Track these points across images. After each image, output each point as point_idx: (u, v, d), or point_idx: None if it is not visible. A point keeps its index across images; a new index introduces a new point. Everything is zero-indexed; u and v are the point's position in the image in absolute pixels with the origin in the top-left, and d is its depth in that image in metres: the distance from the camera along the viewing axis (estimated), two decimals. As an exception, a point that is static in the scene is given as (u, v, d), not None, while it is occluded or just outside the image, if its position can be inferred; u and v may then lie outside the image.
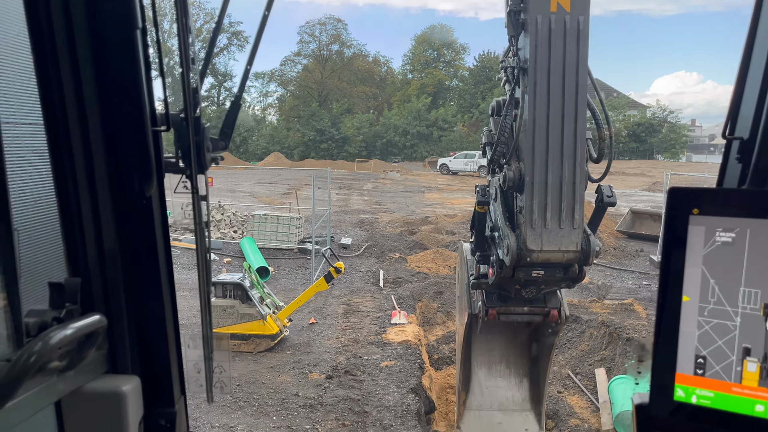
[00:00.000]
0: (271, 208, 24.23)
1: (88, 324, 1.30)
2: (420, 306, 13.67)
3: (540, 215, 4.64)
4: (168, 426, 1.68)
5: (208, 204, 1.63)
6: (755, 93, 1.43)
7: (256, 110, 77.50)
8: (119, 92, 1.44)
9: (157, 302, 1.63)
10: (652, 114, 67.32)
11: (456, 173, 49.71)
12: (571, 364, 10.68)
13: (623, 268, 17.28)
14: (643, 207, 23.21)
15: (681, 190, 1.17)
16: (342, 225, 22.95)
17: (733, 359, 1.13)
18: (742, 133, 1.47)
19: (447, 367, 11.00)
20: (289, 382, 9.52)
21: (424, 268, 16.63)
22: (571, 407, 9.25)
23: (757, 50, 1.45)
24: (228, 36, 70.67)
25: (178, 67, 1.44)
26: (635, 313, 12.33)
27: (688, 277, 1.16)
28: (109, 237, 1.54)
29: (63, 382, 1.37)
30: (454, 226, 22.01)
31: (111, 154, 1.48)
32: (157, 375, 1.68)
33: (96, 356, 1.52)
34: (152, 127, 1.47)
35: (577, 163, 4.58)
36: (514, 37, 4.85)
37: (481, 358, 6.97)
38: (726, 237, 1.12)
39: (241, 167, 47.04)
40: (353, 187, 39.01)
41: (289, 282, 15.85)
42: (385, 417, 8.39)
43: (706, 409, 1.16)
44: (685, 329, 1.16)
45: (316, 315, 12.95)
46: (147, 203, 1.54)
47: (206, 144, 1.55)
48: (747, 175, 1.46)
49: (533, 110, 4.52)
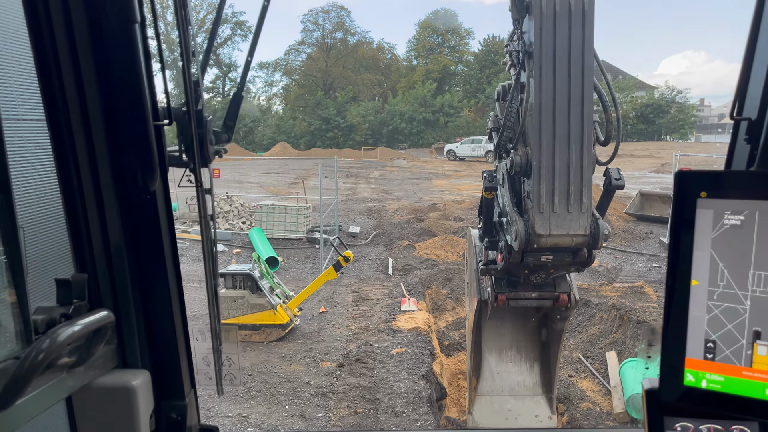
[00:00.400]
0: (278, 198, 24.28)
1: (96, 320, 1.31)
2: (429, 293, 13.69)
3: (548, 200, 4.61)
4: (179, 419, 1.69)
5: (213, 197, 1.63)
6: (763, 72, 1.40)
7: (262, 100, 77.55)
8: (120, 87, 1.43)
9: (164, 296, 1.64)
10: (660, 95, 66.65)
11: (463, 159, 49.55)
12: (581, 347, 10.67)
13: (633, 250, 17.20)
14: (651, 189, 23.03)
15: (688, 174, 1.15)
16: (350, 214, 22.97)
17: (744, 343, 1.12)
18: (750, 113, 1.44)
19: (458, 353, 11.03)
20: (300, 371, 9.58)
21: (432, 255, 16.63)
22: (582, 391, 9.26)
23: (764, 30, 1.42)
24: (231, 26, 70.56)
25: (180, 60, 1.43)
26: (645, 296, 12.29)
27: (697, 260, 1.14)
28: (114, 232, 1.54)
29: (73, 378, 1.38)
30: (462, 212, 21.97)
31: (114, 150, 1.48)
32: (166, 369, 1.69)
33: (105, 351, 1.53)
34: (154, 122, 1.46)
35: (585, 146, 4.53)
36: (518, 21, 4.79)
37: (492, 343, 6.97)
38: (734, 220, 1.11)
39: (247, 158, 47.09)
40: (360, 176, 38.97)
41: (299, 271, 15.91)
42: (397, 404, 8.43)
43: (716, 393, 1.15)
44: (694, 313, 1.15)
45: (326, 304, 13.00)
46: (151, 198, 1.54)
47: (209, 137, 1.55)
48: (756, 155, 1.43)
49: (539, 94, 4.48)
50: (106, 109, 1.44)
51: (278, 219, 18.89)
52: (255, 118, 69.75)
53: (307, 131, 67.17)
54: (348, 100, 68.84)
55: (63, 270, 1.54)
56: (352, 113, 66.69)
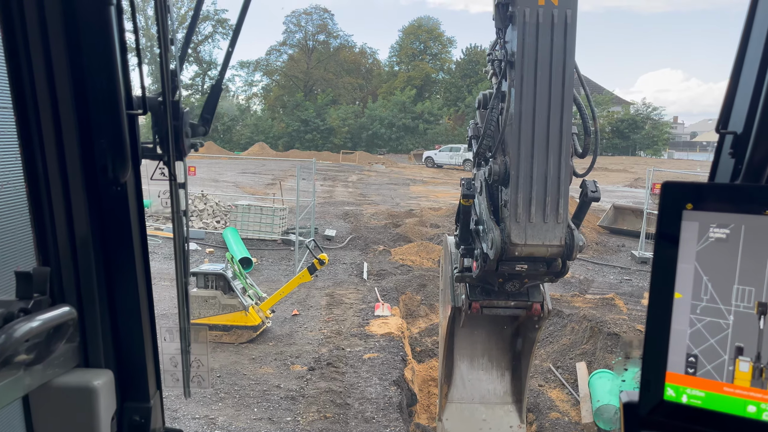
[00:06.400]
0: (254, 199, 24.06)
1: (58, 316, 1.24)
2: (403, 298, 13.67)
3: (525, 209, 4.62)
4: (143, 422, 1.63)
5: (187, 192, 1.57)
6: (750, 87, 1.40)
7: (241, 100, 76.88)
8: (92, 71, 1.37)
9: (132, 294, 1.57)
10: (635, 111, 67.89)
11: (441, 166, 49.78)
12: (552, 357, 10.75)
13: (605, 263, 17.42)
14: (625, 203, 23.42)
15: (674, 185, 1.14)
16: (326, 216, 22.86)
17: (726, 358, 1.10)
18: (736, 127, 1.44)
19: (429, 360, 11.02)
20: (270, 374, 9.47)
21: (408, 261, 16.63)
22: (551, 400, 9.32)
23: (753, 44, 1.42)
24: (213, 24, 69.95)
25: (157, 48, 1.37)
26: (616, 308, 12.45)
27: (681, 273, 1.13)
28: (81, 225, 1.47)
29: (31, 377, 1.32)
30: (439, 219, 22.03)
31: (83, 138, 1.42)
32: (131, 369, 1.62)
33: (66, 349, 1.46)
34: (127, 110, 1.40)
35: (563, 157, 4.56)
36: (501, 30, 4.82)
37: (464, 351, 6.97)
38: (720, 233, 1.09)
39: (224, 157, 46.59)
40: (338, 179, 38.87)
41: (272, 273, 15.76)
42: (367, 409, 8.38)
43: (696, 408, 1.14)
44: (676, 327, 1.13)
45: (299, 306, 12.89)
46: (122, 190, 1.48)
47: (185, 129, 1.50)
48: (740, 170, 1.43)
49: (519, 103, 4.50)
50: (77, 95, 1.38)
51: (254, 219, 18.69)
52: (233, 117, 69.15)
53: (286, 132, 66.79)
54: (328, 103, 68.62)
55: (24, 262, 1.46)
56: (331, 116, 66.52)
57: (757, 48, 1.40)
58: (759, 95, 1.39)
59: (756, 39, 1.40)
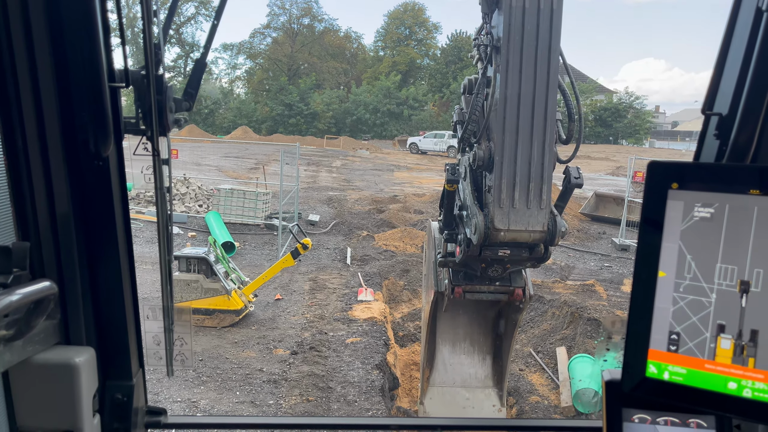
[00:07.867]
0: (237, 183, 23.88)
1: (37, 290, 1.22)
2: (386, 284, 13.70)
3: (508, 194, 4.64)
4: (125, 400, 1.61)
5: (171, 168, 1.54)
6: (736, 69, 1.41)
7: (224, 83, 75.94)
8: (74, 42, 1.33)
9: (114, 270, 1.55)
10: (618, 99, 68.31)
11: (425, 153, 49.76)
12: (533, 342, 10.88)
13: (586, 249, 17.61)
14: (607, 191, 23.63)
15: (661, 164, 1.14)
16: (310, 201, 22.78)
17: (707, 336, 1.12)
18: (722, 108, 1.45)
19: (412, 344, 11.09)
20: (253, 358, 9.46)
21: (391, 247, 16.66)
22: (531, 384, 9.44)
23: (739, 27, 1.43)
24: (196, 5, 68.80)
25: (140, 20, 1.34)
26: (596, 294, 12.60)
27: (665, 252, 1.13)
28: (61, 199, 1.44)
29: (10, 352, 1.29)
30: (422, 205, 22.06)
31: (64, 110, 1.38)
32: (113, 347, 1.60)
33: (46, 326, 1.43)
34: (109, 83, 1.37)
35: (547, 143, 4.57)
36: (487, 15, 4.80)
37: (446, 335, 7.02)
38: (705, 212, 1.10)
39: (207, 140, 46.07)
40: (322, 164, 38.70)
41: (255, 258, 15.70)
42: (350, 393, 8.42)
43: (678, 385, 1.15)
44: (660, 305, 1.15)
45: (282, 291, 12.87)
46: (104, 164, 1.45)
47: (169, 104, 1.46)
48: (725, 151, 1.44)
49: (504, 89, 4.49)
50: (57, 66, 1.34)
51: (236, 204, 18.57)
52: (216, 100, 68.31)
53: (270, 116, 66.19)
54: (312, 87, 68.04)
55: (3, 237, 1.43)
56: (315, 101, 66.03)
57: (743, 30, 1.41)
58: (745, 77, 1.39)
59: (742, 22, 1.41)
